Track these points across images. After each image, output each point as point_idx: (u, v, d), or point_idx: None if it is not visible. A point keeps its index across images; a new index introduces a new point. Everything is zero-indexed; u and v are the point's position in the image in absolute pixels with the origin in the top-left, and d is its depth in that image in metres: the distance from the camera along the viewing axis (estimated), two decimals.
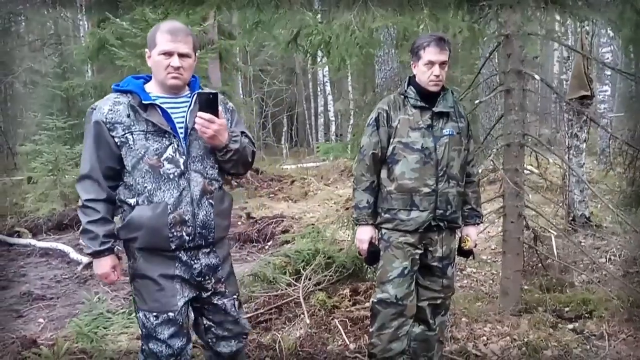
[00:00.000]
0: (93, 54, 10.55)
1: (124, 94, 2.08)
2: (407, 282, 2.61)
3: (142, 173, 2.03)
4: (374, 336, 2.70)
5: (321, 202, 9.34)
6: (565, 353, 3.04)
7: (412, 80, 2.63)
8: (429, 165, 2.53)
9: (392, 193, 2.58)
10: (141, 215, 2.02)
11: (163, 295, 2.10)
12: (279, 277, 4.28)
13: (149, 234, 2.03)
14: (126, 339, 3.56)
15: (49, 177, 8.73)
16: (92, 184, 2.04)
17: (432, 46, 2.47)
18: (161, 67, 2.04)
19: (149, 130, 2.03)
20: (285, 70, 21.78)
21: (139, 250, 2.10)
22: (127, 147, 2.03)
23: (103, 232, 2.04)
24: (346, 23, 3.25)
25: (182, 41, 2.02)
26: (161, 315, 2.10)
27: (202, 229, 2.09)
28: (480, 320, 3.44)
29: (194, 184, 2.07)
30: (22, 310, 4.47)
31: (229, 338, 2.32)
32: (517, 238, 3.54)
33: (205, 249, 2.16)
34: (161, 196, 2.03)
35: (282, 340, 3.36)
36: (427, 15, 3.21)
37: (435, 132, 2.55)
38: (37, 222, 7.56)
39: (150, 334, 2.12)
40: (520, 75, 3.44)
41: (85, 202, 2.03)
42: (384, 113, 2.59)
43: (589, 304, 3.56)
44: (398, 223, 2.58)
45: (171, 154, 2.04)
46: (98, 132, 2.03)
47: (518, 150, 3.48)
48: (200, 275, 2.17)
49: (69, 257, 6.05)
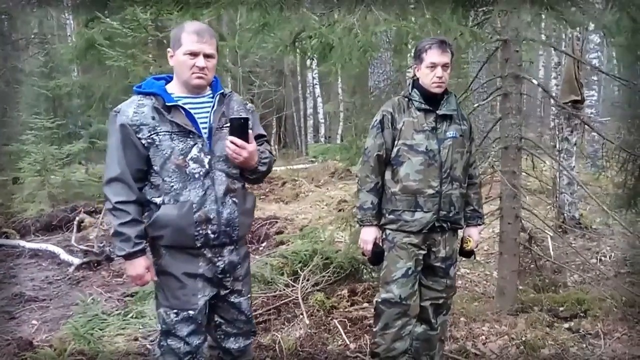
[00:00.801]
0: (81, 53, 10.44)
1: (146, 96, 2.10)
2: (411, 282, 2.64)
3: (169, 173, 2.06)
4: (378, 335, 2.72)
5: (313, 203, 9.36)
6: (562, 351, 3.10)
7: (416, 83, 2.67)
8: (433, 167, 2.56)
9: (396, 194, 2.61)
10: (167, 214, 2.05)
11: (184, 293, 2.13)
12: (277, 278, 4.29)
13: (175, 232, 2.06)
14: (123, 341, 3.54)
15: (36, 178, 8.63)
16: (122, 186, 2.05)
17: (434, 48, 2.52)
18: (186, 67, 2.06)
19: (173, 131, 2.05)
20: (275, 72, 21.75)
21: (164, 248, 2.13)
22: (154, 147, 2.05)
23: (135, 233, 2.05)
24: (349, 26, 3.28)
25: (207, 42, 2.05)
26: (181, 313, 2.14)
27: (226, 227, 2.13)
28: (478, 320, 3.49)
29: (218, 183, 2.10)
30: (15, 312, 4.41)
31: (238, 335, 2.36)
32: (514, 239, 3.61)
33: (229, 247, 2.20)
34: (187, 195, 2.06)
35: (282, 341, 3.38)
36: (429, 19, 3.25)
37: (439, 135, 2.58)
38: (25, 223, 7.46)
39: (170, 330, 2.15)
40: (517, 79, 3.51)
41: (116, 204, 2.04)
42: (388, 115, 2.63)
43: (584, 303, 3.63)
44: (402, 224, 2.61)
45: (196, 153, 2.07)
46: (124, 135, 2.04)
47: (515, 153, 3.54)
48: (222, 273, 2.20)
49: (60, 258, 5.98)
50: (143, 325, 3.77)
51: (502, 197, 3.63)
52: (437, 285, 2.73)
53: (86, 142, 10.93)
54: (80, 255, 5.91)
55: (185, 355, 2.15)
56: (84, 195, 8.90)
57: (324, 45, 3.33)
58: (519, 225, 3.66)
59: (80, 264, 5.55)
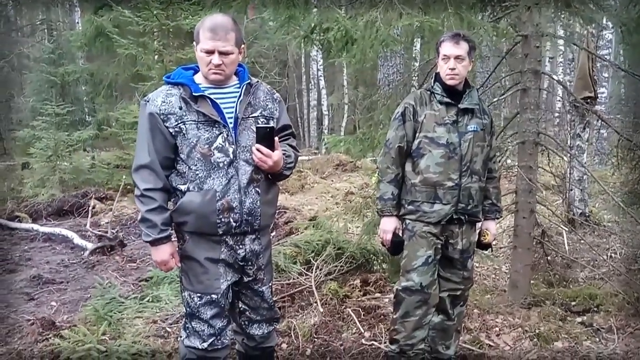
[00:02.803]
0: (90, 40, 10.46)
1: (175, 86, 2.13)
2: (431, 270, 2.69)
3: (195, 161, 2.09)
4: (398, 323, 2.77)
5: (318, 195, 9.41)
6: (575, 345, 3.16)
7: (438, 76, 2.70)
8: (453, 160, 2.59)
9: (416, 186, 2.64)
10: (192, 200, 2.09)
11: (208, 277, 2.18)
12: (290, 267, 4.35)
13: (198, 219, 2.10)
14: (142, 323, 3.60)
15: (47, 163, 8.68)
16: (150, 173, 2.09)
17: (447, 41, 2.57)
18: (203, 63, 2.09)
19: (200, 120, 2.09)
20: (279, 63, 21.71)
21: (188, 234, 2.17)
22: (181, 136, 2.09)
23: (161, 220, 2.10)
24: (372, 19, 3.31)
25: (221, 39, 2.03)
26: (205, 296, 2.19)
27: (248, 216, 2.15)
28: (491, 312, 3.55)
29: (241, 173, 2.13)
30: (33, 294, 4.49)
31: (261, 322, 2.40)
32: (528, 233, 3.66)
33: (251, 235, 2.22)
34: (211, 183, 2.09)
35: (297, 327, 3.44)
36: (451, 13, 3.28)
37: (460, 128, 2.61)
38: (37, 208, 7.53)
39: (194, 313, 2.21)
40: (537, 75, 3.55)
41: (144, 191, 2.08)
42: (410, 108, 2.66)
43: (596, 298, 3.68)
44: (421, 214, 2.65)
45: (221, 143, 2.10)
46: (153, 124, 2.09)
47: (532, 148, 3.58)
48: (243, 260, 2.24)
49: (73, 242, 6.05)
50: (159, 309, 3.84)
51: (517, 192, 3.67)
52: (455, 277, 2.78)
53: (94, 130, 10.96)
54: (95, 240, 5.98)
55: (209, 337, 2.21)
56: (93, 182, 8.97)
57: (347, 38, 3.36)
58: (534, 220, 3.71)
59: (94, 249, 5.61)
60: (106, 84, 11.59)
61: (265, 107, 2.25)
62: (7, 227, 6.80)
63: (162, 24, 7.76)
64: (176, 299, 3.84)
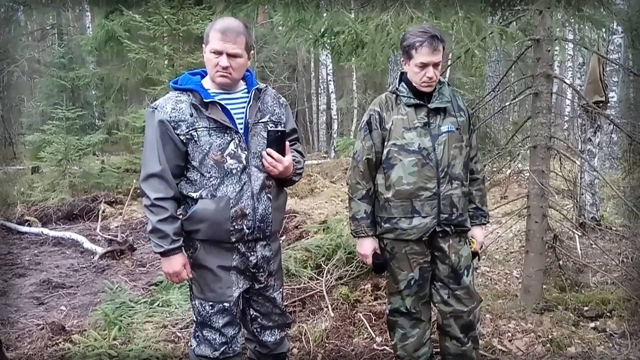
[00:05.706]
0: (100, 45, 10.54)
1: (184, 92, 2.11)
2: (417, 291, 2.53)
3: (208, 168, 2.07)
4: (399, 349, 2.64)
5: (328, 199, 9.39)
6: (589, 350, 3.13)
7: (404, 76, 2.46)
8: (428, 167, 2.37)
9: (390, 201, 2.42)
10: (205, 208, 2.07)
11: (220, 286, 2.16)
12: (301, 271, 4.34)
13: (212, 226, 2.08)
14: (152, 328, 3.61)
15: (57, 168, 8.74)
16: (160, 182, 2.05)
17: (424, 46, 2.29)
18: (211, 64, 2.08)
19: (211, 126, 2.07)
20: (288, 67, 21.77)
21: (199, 242, 2.15)
22: (192, 143, 2.07)
23: (173, 230, 2.06)
24: (382, 23, 3.31)
25: (231, 41, 2.03)
26: (217, 305, 2.17)
27: (260, 223, 2.14)
28: (504, 317, 3.52)
29: (254, 179, 2.12)
30: (43, 298, 4.51)
31: (273, 328, 2.40)
32: (541, 237, 3.63)
33: (262, 242, 2.21)
34: (224, 190, 2.07)
35: (308, 332, 3.43)
36: (461, 18, 3.27)
37: (433, 130, 2.39)
38: (47, 212, 7.57)
39: (205, 322, 2.19)
40: (549, 79, 3.53)
41: (155, 200, 2.04)
42: (375, 115, 2.44)
43: (609, 303, 3.64)
44: (400, 233, 2.43)
45: (233, 149, 2.09)
46: (163, 131, 2.06)
47: (544, 152, 3.56)
48: (255, 267, 2.23)
49: (83, 246, 6.08)
50: (169, 313, 3.85)
51: (529, 196, 3.65)
52: (452, 300, 2.54)
53: (104, 134, 11.03)
54: (104, 244, 6.00)
55: (221, 345, 2.20)
56: (103, 186, 9.01)
57: (357, 41, 3.37)
58: (546, 224, 3.68)
59: (104, 253, 5.63)
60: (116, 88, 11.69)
61: (273, 112, 2.24)
62: (17, 231, 6.84)
63: (173, 29, 7.83)
64: (186, 304, 3.84)
